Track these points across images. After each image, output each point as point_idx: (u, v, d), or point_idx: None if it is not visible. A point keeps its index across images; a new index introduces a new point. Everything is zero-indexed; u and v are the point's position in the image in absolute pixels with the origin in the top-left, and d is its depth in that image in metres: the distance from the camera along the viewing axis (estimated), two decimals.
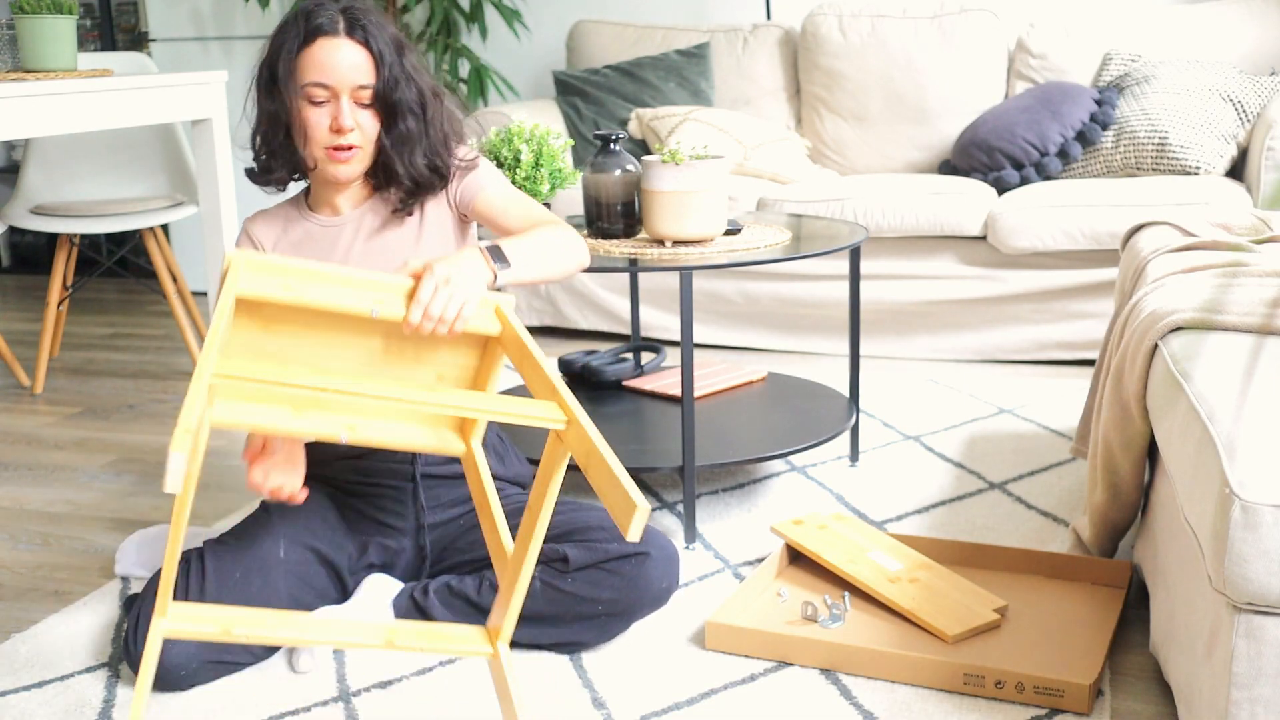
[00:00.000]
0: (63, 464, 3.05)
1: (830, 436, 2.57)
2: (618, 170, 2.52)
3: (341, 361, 1.61)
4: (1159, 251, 2.30)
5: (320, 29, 1.91)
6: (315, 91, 1.91)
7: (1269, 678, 1.41)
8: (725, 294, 3.86)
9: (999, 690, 1.81)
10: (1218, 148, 3.59)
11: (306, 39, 1.91)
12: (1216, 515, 1.40)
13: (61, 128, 3.21)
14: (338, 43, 1.91)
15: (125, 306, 4.97)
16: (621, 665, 1.96)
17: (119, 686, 1.95)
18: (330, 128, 1.92)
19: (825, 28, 4.21)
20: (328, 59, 1.90)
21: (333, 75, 1.90)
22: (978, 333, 3.65)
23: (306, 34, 1.91)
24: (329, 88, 1.91)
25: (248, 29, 4.88)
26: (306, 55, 1.91)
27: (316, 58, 1.90)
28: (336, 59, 1.90)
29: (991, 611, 2.01)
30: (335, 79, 1.90)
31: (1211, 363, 1.71)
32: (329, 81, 1.90)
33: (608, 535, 1.97)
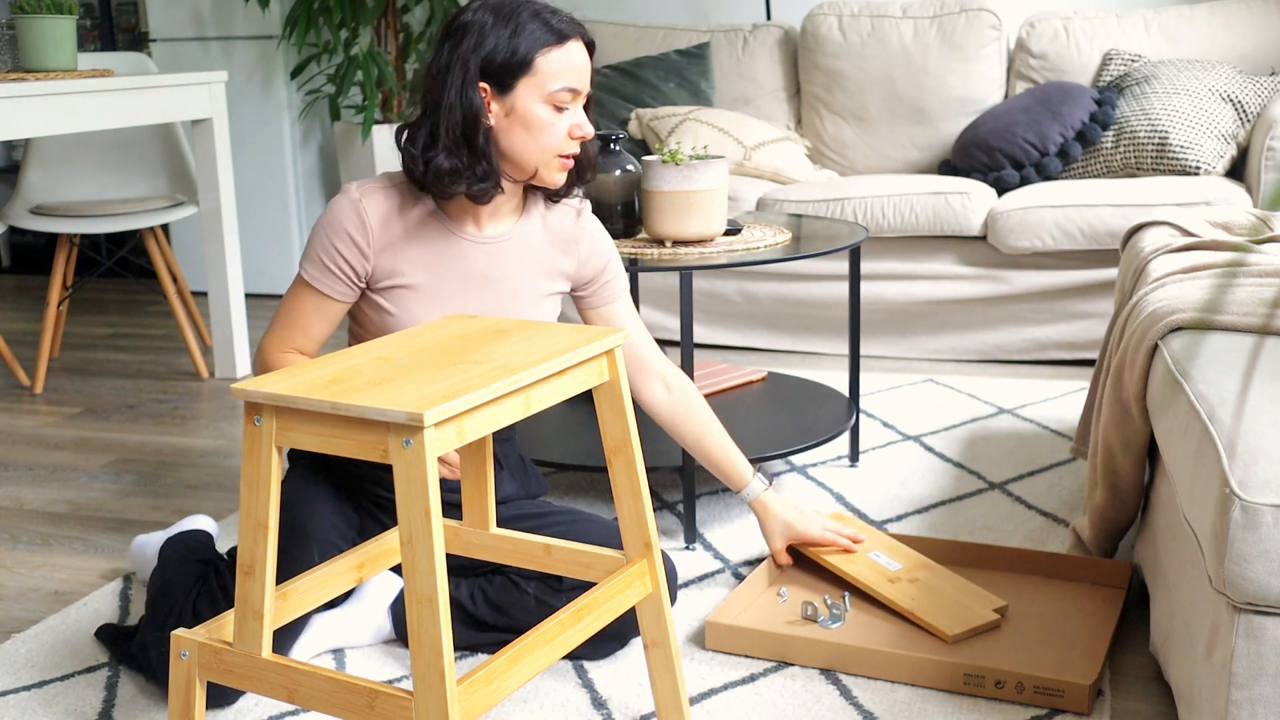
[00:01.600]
0: (63, 464, 3.05)
1: (830, 436, 2.57)
2: (618, 170, 2.52)
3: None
4: (1159, 251, 2.30)
5: (569, 32, 1.81)
6: (564, 96, 1.81)
7: (1269, 678, 1.41)
8: (725, 294, 3.86)
9: (999, 690, 1.81)
10: (1218, 148, 3.59)
11: (555, 40, 1.80)
12: (1216, 515, 1.40)
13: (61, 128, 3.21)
14: (580, 47, 1.83)
15: (125, 306, 4.97)
16: (621, 665, 1.96)
17: (119, 687, 1.95)
18: (572, 134, 1.83)
19: (825, 28, 4.21)
20: (578, 63, 1.82)
21: (580, 80, 1.82)
22: (978, 333, 3.65)
23: (555, 35, 1.80)
24: (579, 93, 1.83)
25: (248, 29, 4.88)
26: (556, 58, 1.80)
27: (567, 61, 1.81)
28: (584, 63, 1.83)
29: (991, 611, 2.01)
30: (582, 84, 1.83)
31: (1211, 363, 1.71)
32: (580, 87, 1.82)
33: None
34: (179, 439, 3.22)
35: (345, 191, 1.87)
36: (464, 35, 1.80)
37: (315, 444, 1.37)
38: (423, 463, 1.29)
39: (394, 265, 1.87)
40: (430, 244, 1.89)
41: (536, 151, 1.83)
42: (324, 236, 1.85)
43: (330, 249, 1.85)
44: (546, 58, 1.79)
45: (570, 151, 1.85)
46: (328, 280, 1.87)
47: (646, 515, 1.62)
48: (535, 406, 1.46)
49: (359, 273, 1.87)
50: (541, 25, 1.80)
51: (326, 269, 1.86)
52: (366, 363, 1.47)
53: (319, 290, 1.87)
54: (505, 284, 1.93)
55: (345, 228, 1.85)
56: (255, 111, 4.92)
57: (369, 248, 1.85)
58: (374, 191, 1.86)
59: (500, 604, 1.97)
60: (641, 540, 1.63)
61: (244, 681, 1.46)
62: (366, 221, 1.85)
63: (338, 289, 1.87)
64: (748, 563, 2.33)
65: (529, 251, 1.95)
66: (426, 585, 1.30)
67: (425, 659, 1.31)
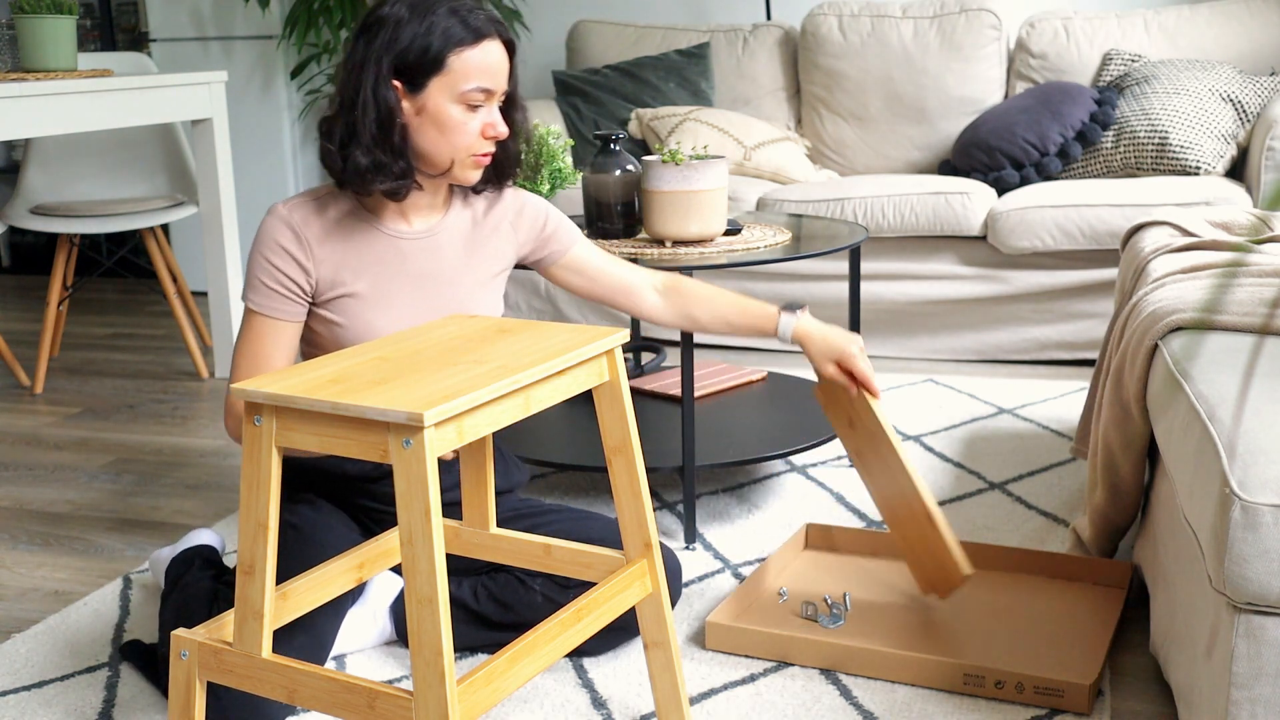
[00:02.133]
0: (63, 464, 3.05)
1: (830, 436, 2.57)
2: (618, 170, 2.52)
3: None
4: (1159, 251, 2.30)
5: (485, 31, 1.80)
6: (476, 96, 1.80)
7: (1269, 678, 1.41)
8: None
9: (999, 690, 1.81)
10: (1218, 148, 3.59)
11: (468, 39, 1.78)
12: (1216, 515, 1.40)
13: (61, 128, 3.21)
14: (497, 46, 1.81)
15: (125, 306, 4.97)
16: (621, 665, 1.96)
17: (119, 687, 1.95)
18: (485, 134, 1.82)
19: (825, 28, 4.21)
20: (493, 63, 1.80)
21: (495, 80, 1.81)
22: (978, 333, 3.65)
23: (469, 34, 1.78)
24: (491, 93, 1.82)
25: (248, 29, 4.88)
26: (468, 57, 1.78)
27: (481, 61, 1.79)
28: (497, 63, 1.81)
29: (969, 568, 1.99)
30: (496, 84, 1.81)
31: (1211, 363, 1.71)
32: (493, 86, 1.81)
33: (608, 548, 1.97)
34: (179, 439, 3.22)
35: (272, 211, 1.84)
36: (379, 30, 1.79)
37: (315, 444, 1.37)
38: (423, 463, 1.29)
39: (335, 275, 1.85)
40: (366, 248, 1.87)
41: (449, 150, 1.82)
42: (260, 258, 1.83)
43: (269, 268, 1.82)
44: (459, 56, 1.78)
45: (483, 151, 1.84)
46: (274, 302, 1.83)
47: (647, 515, 1.62)
48: (535, 406, 1.46)
49: (303, 287, 1.84)
50: (456, 23, 1.78)
51: (271, 290, 1.82)
52: (366, 363, 1.47)
53: (269, 316, 1.83)
54: (446, 275, 1.92)
55: (279, 242, 1.82)
56: (255, 111, 4.92)
57: (307, 260, 1.83)
58: (301, 205, 1.85)
59: (506, 601, 1.97)
60: (641, 540, 1.63)
61: (244, 682, 1.46)
62: (300, 233, 1.83)
63: (286, 309, 1.83)
64: (748, 563, 2.33)
65: (463, 238, 1.95)
66: (426, 585, 1.30)
67: (425, 659, 1.31)
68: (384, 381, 1.39)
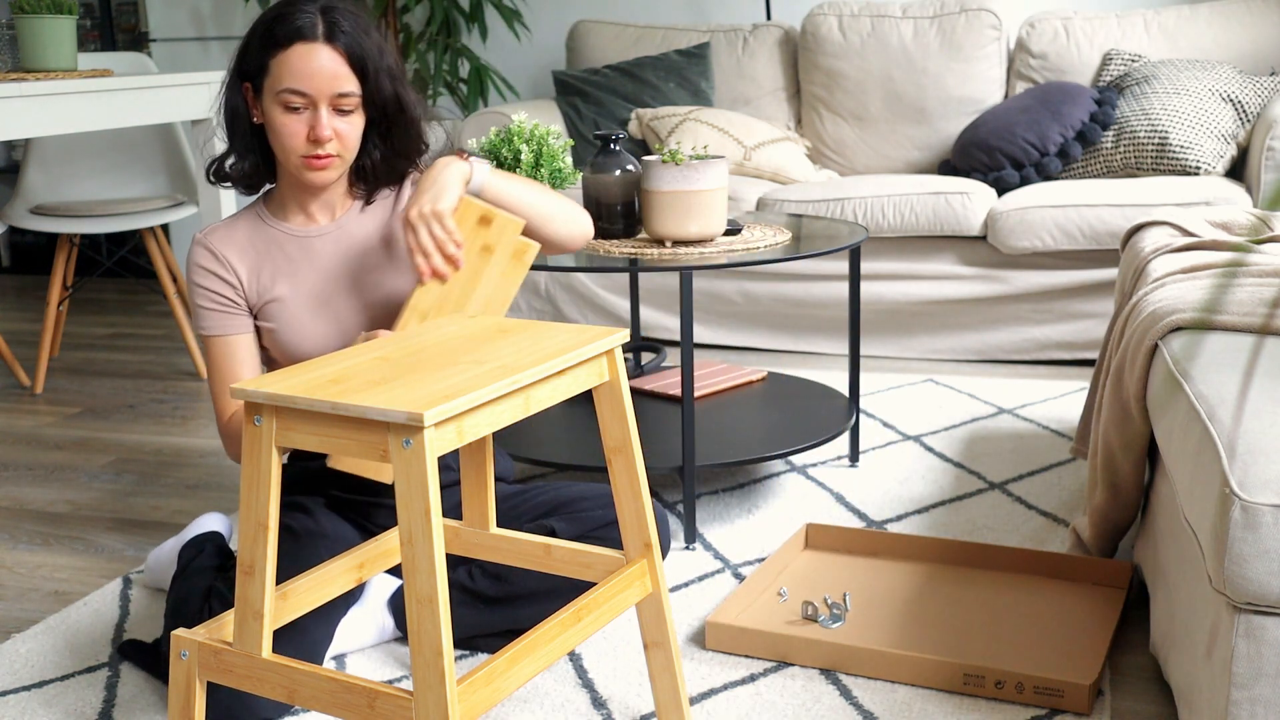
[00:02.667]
0: (63, 464, 3.05)
1: (830, 436, 2.57)
2: (618, 170, 2.52)
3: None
4: (1159, 251, 2.30)
5: (299, 32, 1.79)
6: (291, 99, 1.80)
7: (1269, 678, 1.41)
8: (725, 294, 3.86)
9: (999, 690, 1.81)
10: (1218, 148, 3.59)
11: (282, 42, 1.79)
12: (1216, 515, 1.40)
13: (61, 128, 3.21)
14: (315, 49, 1.79)
15: (125, 306, 4.97)
16: (621, 665, 1.96)
17: (119, 686, 1.95)
18: (308, 137, 1.82)
19: (825, 28, 4.21)
20: (305, 67, 1.79)
21: (310, 84, 1.79)
22: (978, 333, 3.65)
23: (282, 37, 1.79)
24: (306, 96, 1.80)
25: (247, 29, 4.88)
26: (282, 60, 1.79)
27: (293, 64, 1.79)
28: (315, 67, 1.79)
29: None
30: (313, 88, 1.79)
31: (1211, 363, 1.71)
32: (306, 90, 1.79)
33: (593, 504, 1.98)
34: (179, 439, 3.22)
35: (193, 241, 1.94)
36: (242, 41, 1.88)
37: (315, 444, 1.37)
38: (423, 463, 1.29)
39: (257, 284, 1.92)
40: (277, 252, 1.93)
41: (281, 152, 1.85)
42: (193, 285, 1.92)
43: (203, 291, 1.91)
44: (276, 60, 1.80)
45: (308, 153, 1.82)
46: (220, 320, 1.91)
47: (647, 515, 1.62)
48: (535, 406, 1.46)
49: (235, 300, 1.92)
50: (276, 27, 1.81)
51: (212, 312, 1.91)
52: (366, 363, 1.47)
53: (222, 335, 1.92)
54: (361, 262, 1.95)
55: (201, 265, 1.92)
56: None
57: (229, 274, 1.91)
58: (214, 230, 1.94)
59: (499, 574, 1.97)
60: (641, 540, 1.63)
61: (244, 682, 1.46)
62: (217, 253, 1.92)
63: (232, 323, 1.92)
64: (748, 563, 2.33)
65: (368, 225, 1.97)
66: (426, 585, 1.30)
67: (425, 659, 1.31)
68: (384, 381, 1.39)
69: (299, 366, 1.47)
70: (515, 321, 1.65)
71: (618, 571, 1.60)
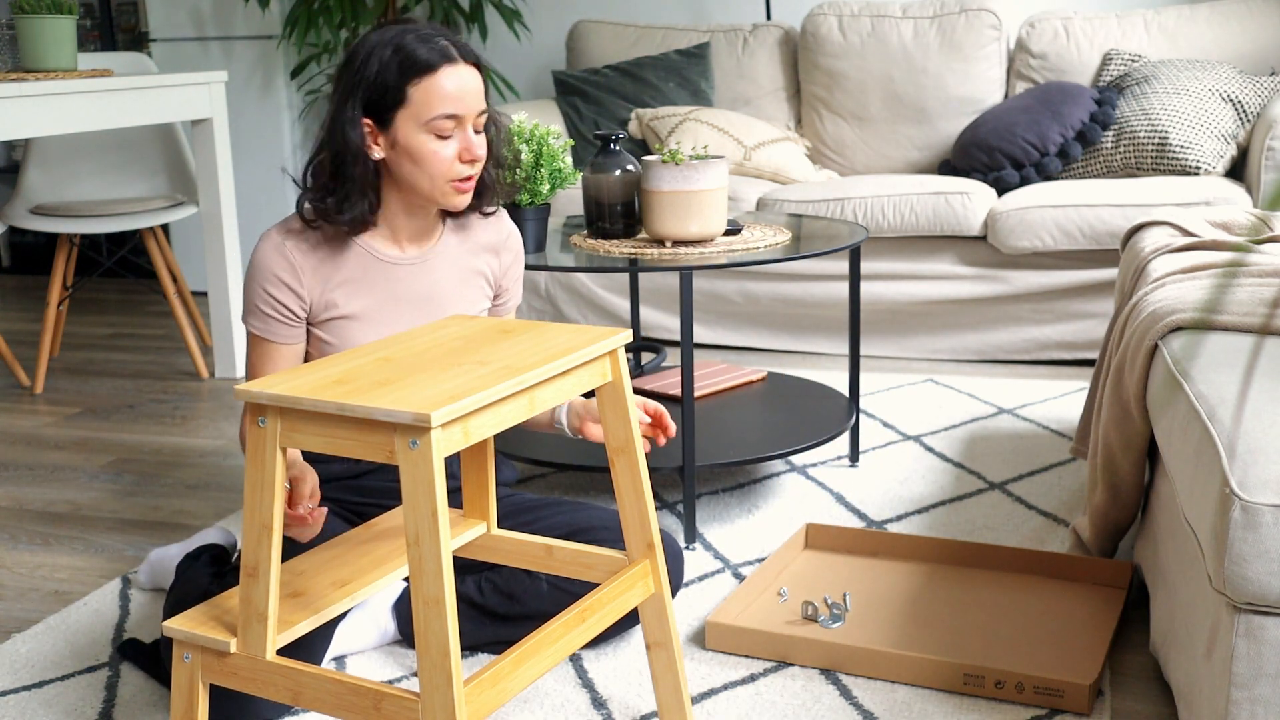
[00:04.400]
0: (63, 464, 3.05)
1: (830, 436, 2.57)
2: (618, 170, 2.52)
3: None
4: (1159, 251, 2.30)
5: (443, 55, 1.77)
6: (444, 124, 1.78)
7: (1269, 678, 1.41)
8: (725, 294, 3.86)
9: (999, 690, 1.81)
10: (1218, 148, 3.59)
11: (423, 69, 1.76)
12: (1216, 515, 1.40)
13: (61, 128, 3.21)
14: (460, 70, 1.78)
15: (125, 306, 4.97)
16: (621, 665, 1.96)
17: (119, 687, 1.95)
18: (462, 159, 1.80)
19: (825, 28, 4.21)
20: (456, 88, 1.78)
21: (462, 105, 1.78)
22: (978, 333, 3.65)
23: (424, 64, 1.76)
24: (459, 118, 1.79)
25: (248, 29, 4.88)
26: (428, 86, 1.76)
27: (443, 88, 1.77)
28: (465, 87, 1.78)
29: None
30: (465, 108, 1.79)
31: (1211, 363, 1.71)
32: (460, 112, 1.78)
33: (611, 535, 1.97)
34: (179, 439, 3.22)
35: (267, 237, 1.87)
36: (348, 71, 1.81)
37: (320, 445, 1.37)
38: (429, 463, 1.29)
39: (328, 298, 1.88)
40: (358, 272, 1.89)
41: (427, 181, 1.81)
42: (257, 287, 1.86)
43: (266, 297, 1.86)
44: (418, 87, 1.77)
45: (462, 175, 1.82)
46: (273, 327, 1.87)
47: (649, 515, 1.62)
48: (539, 407, 1.46)
49: (297, 313, 1.88)
50: (411, 54, 1.77)
51: (268, 318, 1.87)
52: (370, 363, 1.47)
53: (269, 340, 1.88)
54: (437, 300, 1.94)
55: (275, 273, 1.85)
56: (255, 111, 4.92)
57: (302, 287, 1.86)
58: (293, 234, 1.86)
59: (511, 592, 1.97)
60: (644, 541, 1.63)
61: (248, 684, 1.46)
62: (294, 262, 1.85)
63: (285, 333, 1.88)
64: (748, 563, 2.33)
65: (455, 263, 1.96)
66: (434, 586, 1.30)
67: (432, 660, 1.32)
68: (389, 382, 1.39)
69: (303, 367, 1.47)
70: (517, 322, 1.65)
71: (621, 572, 1.61)
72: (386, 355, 1.50)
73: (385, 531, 1.74)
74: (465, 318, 1.70)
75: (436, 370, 1.43)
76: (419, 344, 1.56)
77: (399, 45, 1.77)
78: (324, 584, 1.59)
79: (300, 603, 1.57)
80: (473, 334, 1.60)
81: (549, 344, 1.53)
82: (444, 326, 1.65)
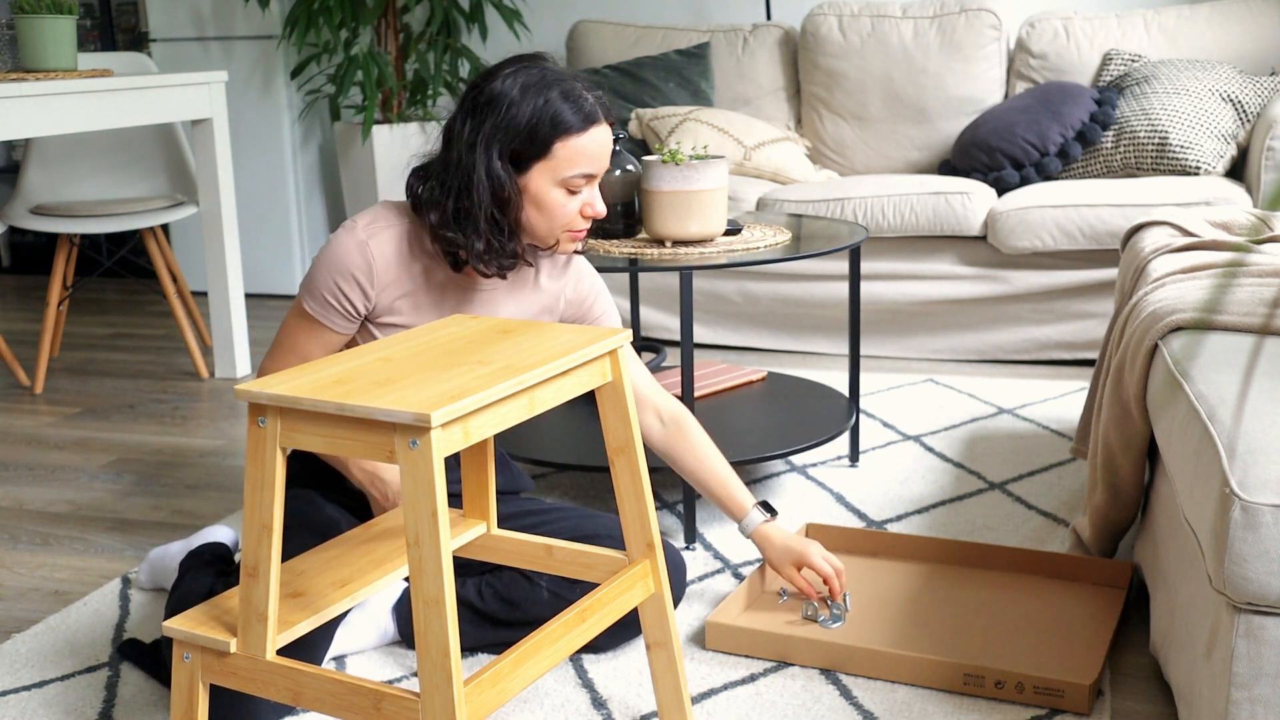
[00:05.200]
0: (63, 464, 3.05)
1: (830, 436, 2.58)
2: (618, 170, 2.52)
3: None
4: (1159, 251, 2.30)
5: (593, 116, 1.78)
6: (579, 182, 1.79)
7: (1269, 678, 1.41)
8: (725, 294, 3.86)
9: (999, 690, 1.81)
10: (1218, 148, 3.59)
11: (576, 127, 1.76)
12: (1216, 515, 1.40)
13: (61, 128, 3.21)
14: (604, 131, 1.80)
15: (125, 306, 4.97)
16: (621, 665, 1.96)
17: (119, 687, 1.95)
18: (584, 213, 1.81)
19: (825, 28, 4.21)
20: (599, 150, 1.79)
21: (598, 165, 1.80)
22: (978, 333, 3.65)
23: (577, 122, 1.76)
24: (594, 177, 1.81)
25: (248, 29, 4.88)
26: (577, 145, 1.77)
27: (589, 149, 1.78)
28: (603, 148, 1.80)
29: None
30: (599, 168, 1.81)
31: (1211, 363, 1.71)
32: (596, 171, 1.80)
33: (616, 544, 1.97)
34: (179, 439, 3.22)
35: (351, 229, 1.82)
36: (490, 110, 1.76)
37: (321, 445, 1.37)
38: (429, 463, 1.29)
39: (394, 303, 1.86)
40: (431, 287, 1.87)
41: (546, 228, 1.81)
42: (327, 274, 1.82)
43: (333, 287, 1.82)
44: (566, 144, 1.76)
45: (579, 227, 1.83)
46: (328, 315, 1.84)
47: (649, 516, 1.62)
48: (539, 407, 1.46)
49: (360, 310, 1.85)
50: (567, 109, 1.76)
51: (328, 304, 1.83)
52: (370, 363, 1.47)
53: (319, 322, 1.85)
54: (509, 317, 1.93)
55: (350, 270, 1.81)
56: (255, 111, 4.92)
57: (372, 289, 1.83)
58: (380, 231, 1.83)
59: (511, 598, 1.97)
60: (644, 541, 1.63)
61: (248, 684, 1.46)
62: (372, 265, 1.82)
63: (338, 323, 1.85)
64: (748, 563, 2.33)
65: (526, 289, 1.95)
66: (433, 586, 1.30)
67: (432, 660, 1.31)
68: (389, 382, 1.39)
69: (302, 367, 1.47)
70: (518, 322, 1.65)
71: (621, 572, 1.61)
72: (386, 355, 1.50)
73: (385, 531, 1.74)
74: (465, 317, 1.70)
75: (436, 370, 1.43)
76: (419, 344, 1.56)
77: (550, 99, 1.75)
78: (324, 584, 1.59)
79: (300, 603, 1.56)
80: (473, 334, 1.60)
81: (549, 344, 1.53)
82: (444, 326, 1.65)
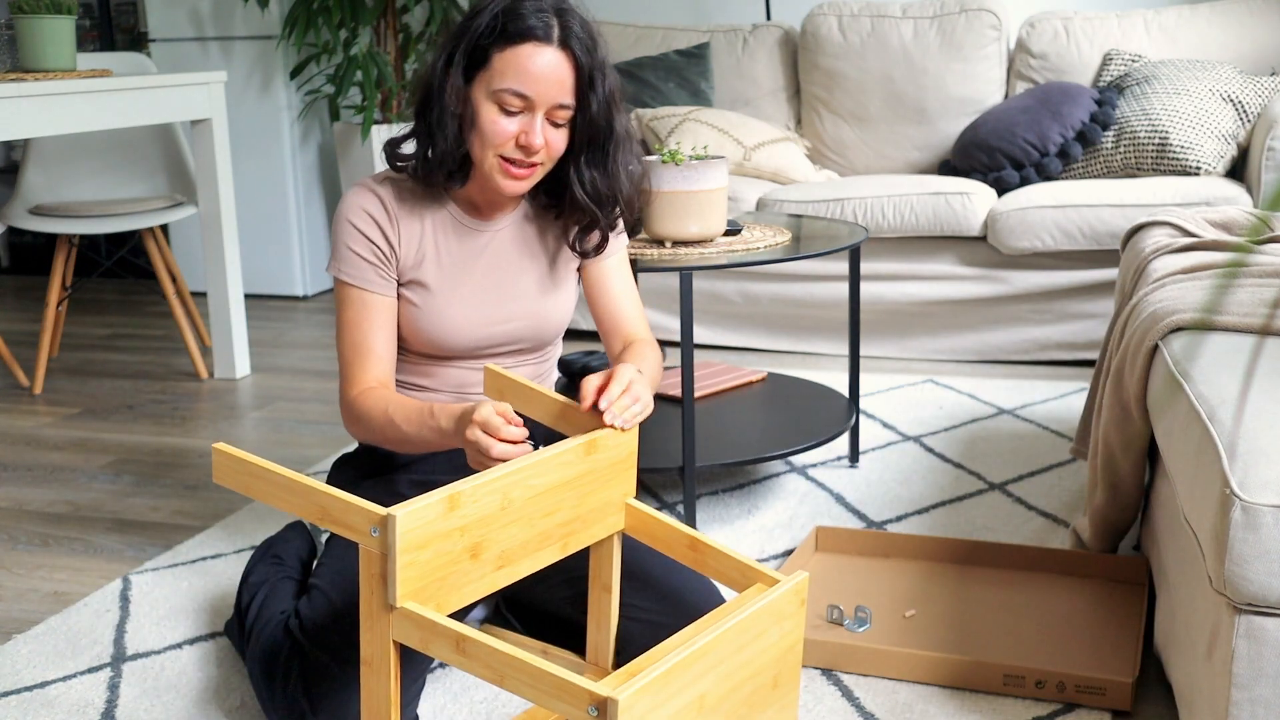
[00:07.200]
0: (63, 464, 3.05)
1: (830, 436, 2.57)
2: None
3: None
4: (1159, 251, 2.30)
5: (531, 31, 1.68)
6: (510, 99, 1.69)
7: (1269, 678, 1.41)
8: (725, 294, 3.86)
9: (1040, 690, 1.81)
10: (1218, 148, 3.59)
11: (513, 37, 1.68)
12: (1216, 515, 1.40)
13: (61, 128, 3.21)
14: (546, 52, 1.69)
15: (125, 306, 4.97)
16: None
17: (120, 687, 1.95)
18: (518, 141, 1.72)
19: (825, 28, 4.21)
20: (533, 68, 1.68)
21: (534, 88, 1.69)
22: (978, 333, 3.65)
23: (514, 32, 1.68)
24: (527, 99, 1.70)
25: (248, 29, 4.88)
26: (509, 56, 1.69)
27: (520, 63, 1.68)
28: (543, 71, 1.68)
29: None
30: (536, 92, 1.69)
31: (1211, 363, 1.71)
32: (529, 93, 1.69)
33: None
34: (178, 439, 3.22)
35: (359, 183, 1.82)
36: (463, 18, 1.75)
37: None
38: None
39: (414, 255, 1.82)
40: (442, 232, 1.84)
41: (479, 149, 1.74)
42: (347, 225, 1.79)
43: (356, 234, 1.79)
44: (501, 54, 1.69)
45: (511, 157, 1.73)
46: (367, 273, 1.79)
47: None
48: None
49: (388, 257, 1.80)
50: (512, 21, 1.69)
51: (360, 259, 1.79)
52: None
53: (360, 288, 1.80)
54: (509, 271, 1.88)
55: (367, 209, 1.79)
56: (255, 111, 4.92)
57: (392, 233, 1.80)
58: (386, 180, 1.82)
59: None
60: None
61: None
62: (388, 206, 1.80)
63: (379, 282, 1.80)
64: None
65: (531, 233, 1.90)
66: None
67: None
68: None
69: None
70: None
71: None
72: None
73: None
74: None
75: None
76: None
77: (510, 7, 1.70)
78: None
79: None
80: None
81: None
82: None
